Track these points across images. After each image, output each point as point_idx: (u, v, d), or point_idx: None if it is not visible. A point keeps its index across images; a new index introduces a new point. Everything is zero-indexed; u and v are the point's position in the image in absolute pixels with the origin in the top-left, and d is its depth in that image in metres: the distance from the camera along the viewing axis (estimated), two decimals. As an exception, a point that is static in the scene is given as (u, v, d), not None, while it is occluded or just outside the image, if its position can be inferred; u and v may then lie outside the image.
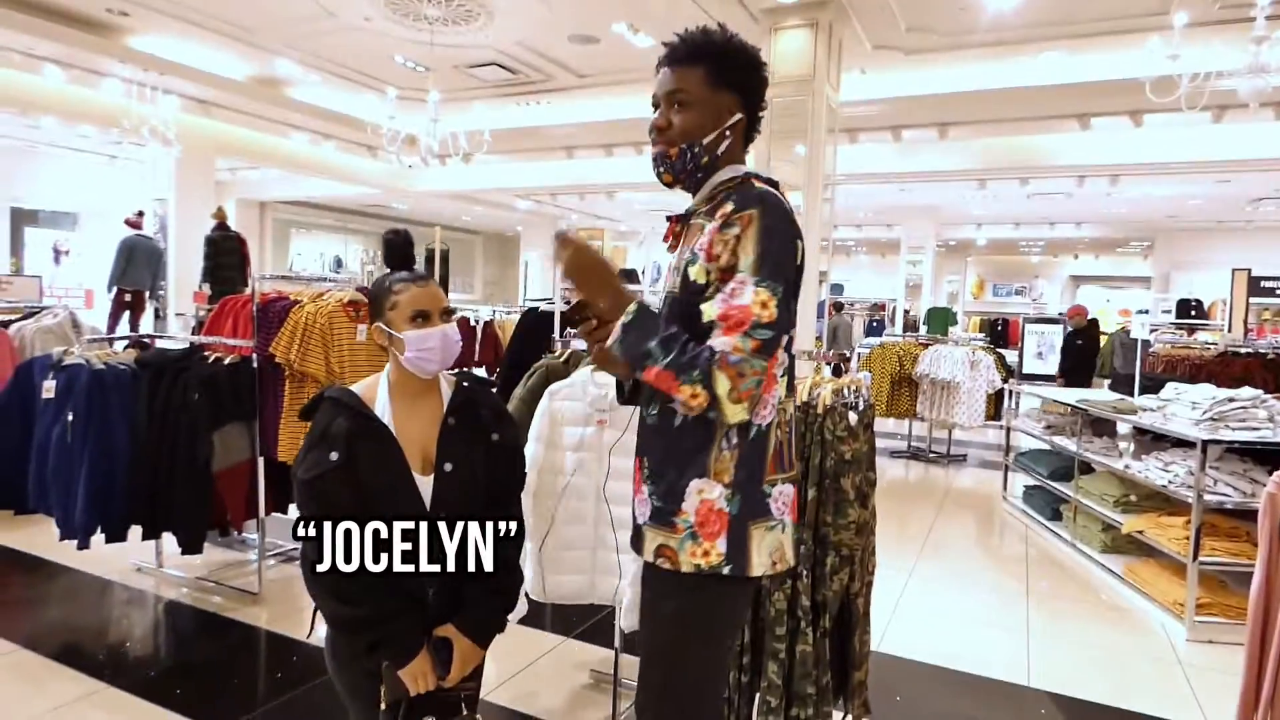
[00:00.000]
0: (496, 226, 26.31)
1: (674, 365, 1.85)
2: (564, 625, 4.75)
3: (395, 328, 2.34)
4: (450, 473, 2.32)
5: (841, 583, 3.03)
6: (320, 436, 2.26)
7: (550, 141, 14.23)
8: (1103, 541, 6.31)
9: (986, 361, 9.71)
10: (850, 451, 3.01)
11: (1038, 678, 4.39)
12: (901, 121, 11.88)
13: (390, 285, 2.36)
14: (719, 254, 1.91)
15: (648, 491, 2.06)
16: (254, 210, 20.85)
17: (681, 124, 2.04)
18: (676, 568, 2.01)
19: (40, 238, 16.76)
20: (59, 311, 6.50)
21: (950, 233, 23.19)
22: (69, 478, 4.57)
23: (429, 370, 2.35)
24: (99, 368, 4.69)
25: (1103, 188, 14.90)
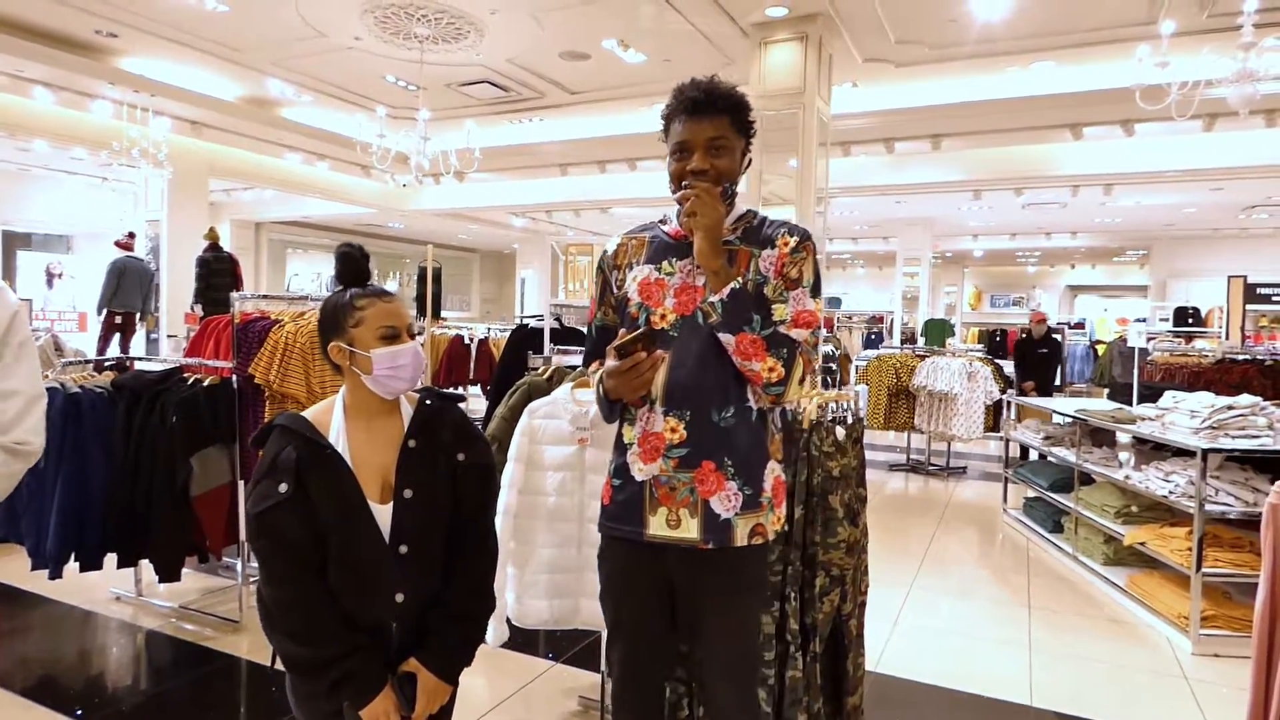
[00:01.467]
0: (493, 244, 26.26)
1: (769, 338, 2.22)
2: (556, 649, 4.63)
3: (361, 345, 2.19)
4: (411, 499, 2.17)
5: (832, 604, 2.92)
6: (269, 467, 2.12)
7: (544, 159, 14.15)
8: (1104, 554, 6.19)
9: (984, 373, 9.61)
10: (838, 467, 2.91)
11: (1040, 696, 4.27)
12: (894, 134, 11.80)
13: (352, 300, 2.22)
14: (789, 271, 2.31)
15: (736, 487, 2.30)
16: (249, 231, 20.76)
17: (722, 167, 2.32)
18: (767, 538, 2.34)
19: (33, 261, 16.68)
20: (41, 335, 6.39)
21: (947, 244, 23.12)
22: (40, 505, 4.45)
23: (397, 390, 2.22)
24: (74, 391, 4.57)
25: (1097, 197, 14.83)
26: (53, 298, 16.46)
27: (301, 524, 2.08)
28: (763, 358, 2.22)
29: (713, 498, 2.27)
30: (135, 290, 11.76)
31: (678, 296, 2.32)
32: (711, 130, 2.31)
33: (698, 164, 2.30)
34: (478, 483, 2.28)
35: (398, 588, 2.16)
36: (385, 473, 2.19)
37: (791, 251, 2.31)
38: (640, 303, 2.36)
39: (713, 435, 2.28)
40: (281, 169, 15.06)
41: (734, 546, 2.28)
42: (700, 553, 2.29)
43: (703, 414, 2.30)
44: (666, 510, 2.29)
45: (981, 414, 9.54)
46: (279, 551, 2.08)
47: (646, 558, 2.36)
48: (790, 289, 2.29)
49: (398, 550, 2.15)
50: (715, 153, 2.31)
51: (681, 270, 2.34)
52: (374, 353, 2.17)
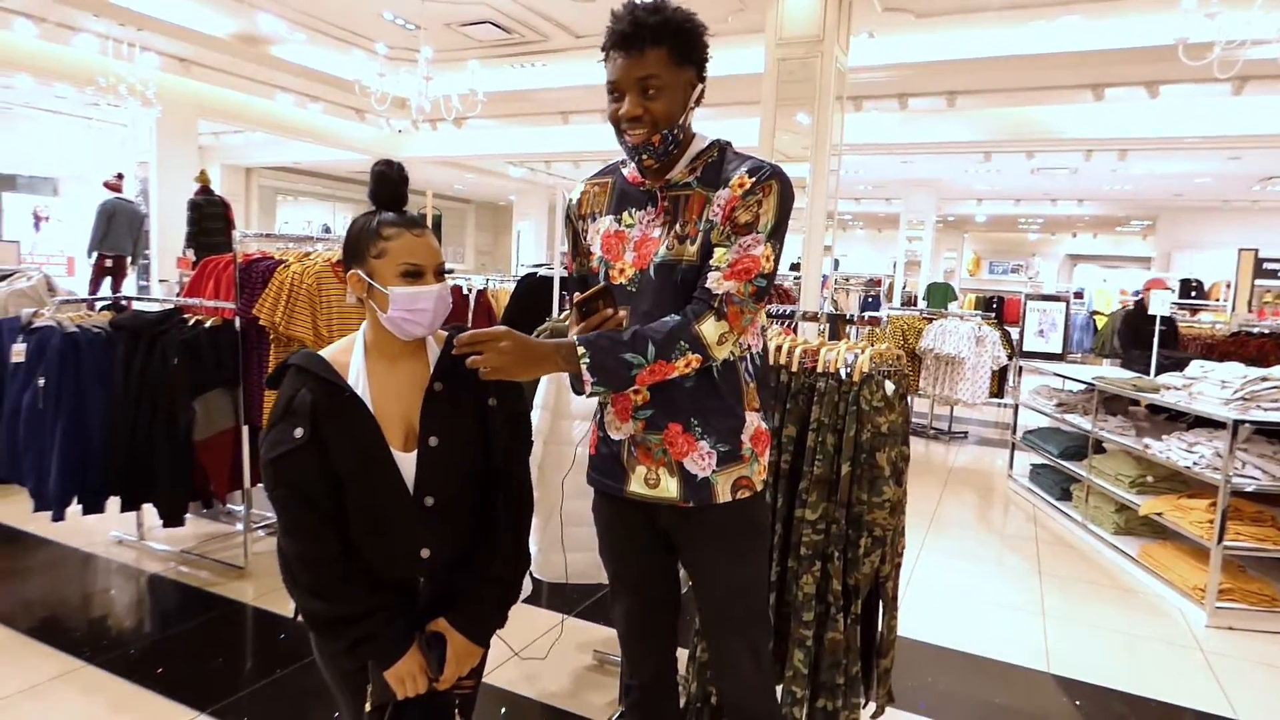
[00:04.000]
0: (489, 195, 26.09)
1: (659, 354, 2.07)
2: (562, 603, 4.61)
3: (380, 279, 2.07)
4: (436, 448, 2.08)
5: (873, 565, 2.90)
6: (284, 410, 2.03)
7: (545, 106, 13.99)
8: (1115, 523, 6.19)
9: (993, 337, 9.58)
10: (887, 424, 2.87)
11: (1057, 662, 4.28)
12: (909, 89, 11.67)
13: (378, 227, 2.07)
14: (738, 215, 2.11)
15: (708, 446, 2.22)
16: (239, 176, 20.58)
17: (658, 110, 2.12)
18: (754, 489, 2.27)
19: (19, 203, 16.53)
20: (33, 274, 6.30)
21: (951, 208, 23.06)
22: (41, 446, 4.41)
23: (413, 335, 2.12)
24: (71, 330, 4.52)
25: (1109, 163, 14.75)
26: (40, 241, 16.32)
27: (320, 472, 2.00)
28: (672, 369, 2.11)
29: (685, 459, 2.23)
30: (125, 233, 11.65)
31: (637, 250, 2.22)
32: (642, 68, 2.09)
33: (629, 109, 2.12)
34: (510, 430, 2.19)
35: (423, 542, 2.09)
36: (409, 418, 2.10)
37: (745, 194, 2.11)
38: (602, 256, 2.28)
39: (676, 396, 2.21)
40: (272, 111, 14.88)
41: (718, 503, 2.24)
42: (685, 510, 2.25)
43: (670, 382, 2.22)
44: (645, 470, 2.26)
45: (988, 379, 9.52)
46: (296, 501, 2.01)
47: (636, 513, 2.33)
48: (739, 234, 2.11)
49: (423, 502, 2.07)
50: (649, 94, 2.11)
51: (641, 221, 2.24)
52: (392, 290, 2.06)
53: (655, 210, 2.23)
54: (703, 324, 2.09)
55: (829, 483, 2.90)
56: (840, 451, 2.89)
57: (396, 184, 2.11)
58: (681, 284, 2.16)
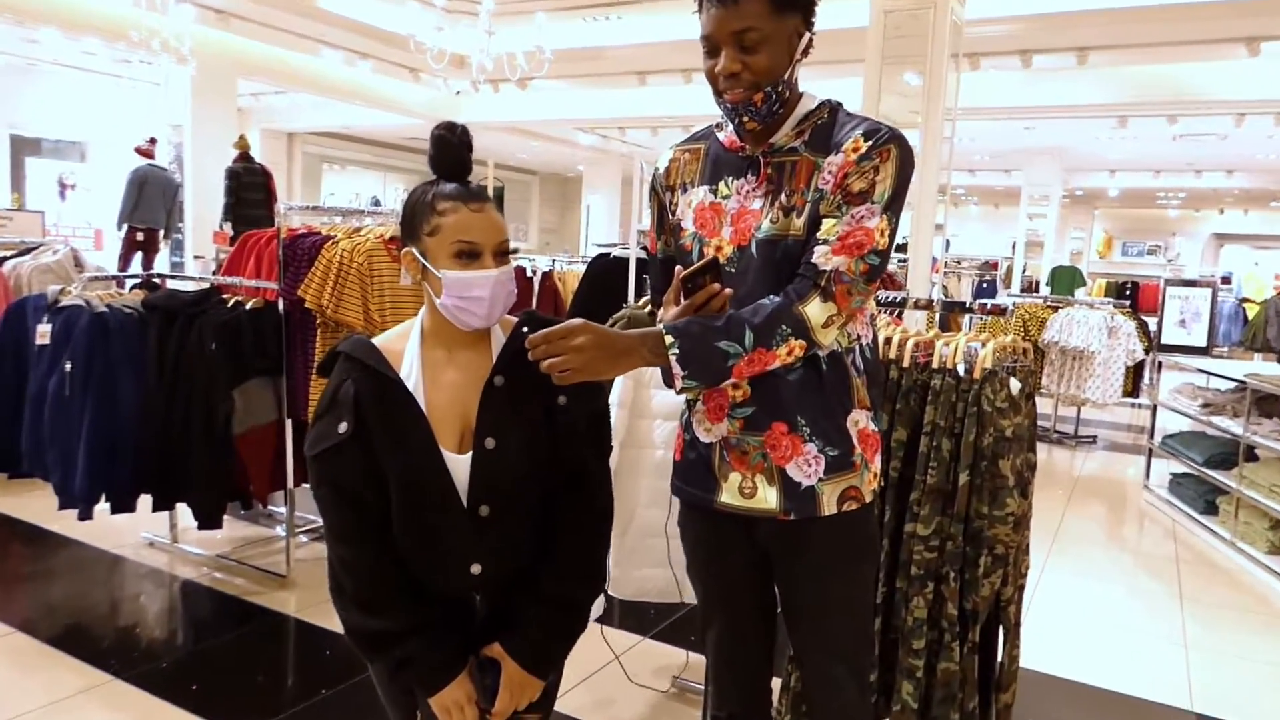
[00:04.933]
0: (556, 165, 26.17)
1: (758, 341, 2.03)
2: (638, 623, 4.61)
3: (433, 260, 2.04)
4: (494, 450, 2.05)
5: (993, 587, 2.85)
6: (329, 402, 2.05)
7: (620, 65, 13.95)
8: (1270, 541, 6.06)
9: (1127, 328, 9.40)
10: (1011, 427, 2.81)
11: (1203, 701, 4.19)
12: (1033, 44, 11.43)
13: (433, 199, 2.04)
14: (851, 183, 2.08)
15: (815, 449, 2.19)
16: (281, 142, 20.87)
17: (759, 65, 2.08)
18: (863, 501, 2.25)
19: (44, 169, 16.90)
20: (59, 248, 6.46)
21: (1079, 180, 22.63)
22: (67, 437, 4.51)
23: (469, 325, 2.08)
24: (100, 310, 4.61)
25: (1265, 128, 14.34)
26: (66, 211, 16.69)
27: (365, 471, 2.01)
28: (774, 358, 2.06)
29: (788, 464, 2.19)
30: (158, 203, 11.89)
31: (735, 224, 2.18)
32: (739, 19, 2.05)
33: (726, 65, 2.08)
34: (584, 433, 2.16)
35: (474, 557, 2.07)
36: (466, 417, 2.08)
37: (860, 158, 2.08)
38: (695, 232, 2.24)
39: (780, 391, 2.17)
40: (318, 70, 15.04)
41: (823, 516, 2.20)
42: (785, 524, 2.22)
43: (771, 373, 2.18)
44: (740, 477, 2.22)
45: (1121, 376, 9.37)
46: (340, 502, 2.03)
47: (729, 527, 2.30)
48: (852, 204, 2.07)
49: (476, 511, 2.05)
50: (748, 48, 2.07)
51: (739, 192, 2.20)
52: (445, 274, 2.03)
53: (756, 179, 2.20)
54: (807, 305, 2.05)
55: (944, 494, 2.86)
56: (958, 458, 2.84)
57: (459, 150, 2.06)
58: (786, 262, 2.12)
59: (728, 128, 2.27)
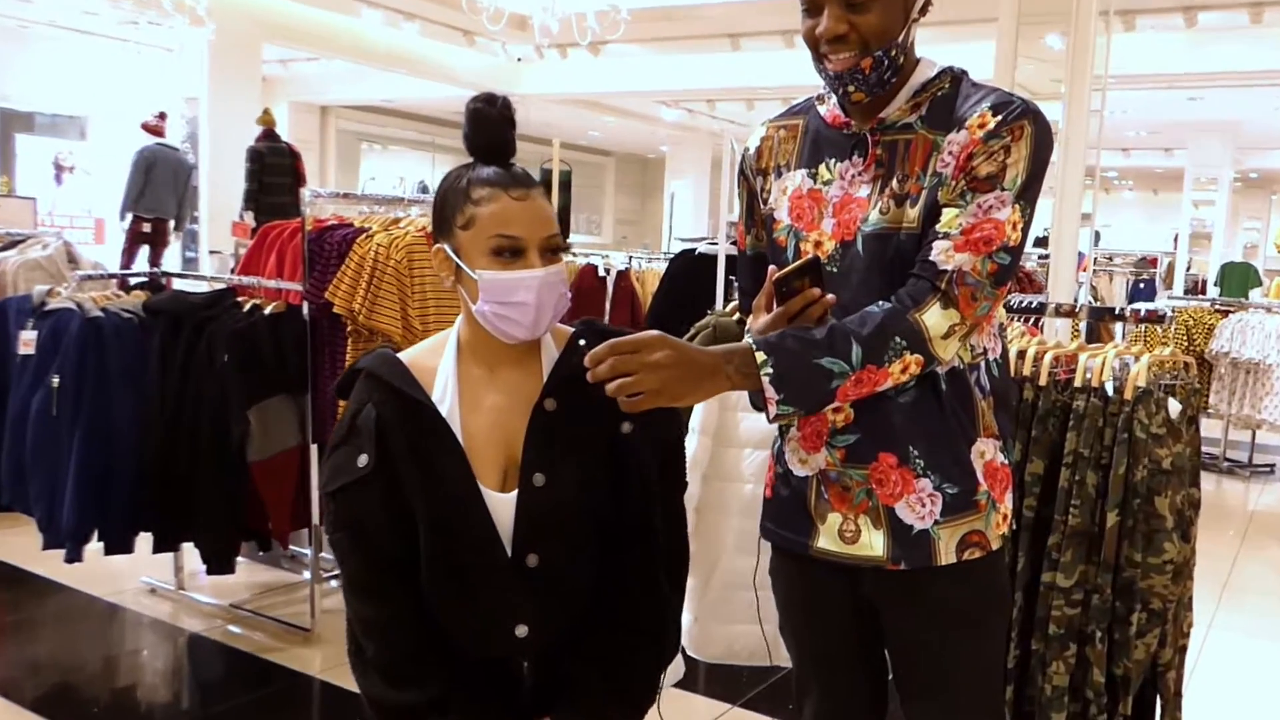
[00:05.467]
0: (634, 146, 26.33)
1: (867, 357, 1.99)
2: (725, 689, 4.57)
3: (467, 258, 2.01)
4: (543, 488, 2.02)
5: (1148, 649, 2.84)
6: (347, 430, 2.04)
7: (709, 26, 14.01)
8: None
9: (1316, 338, 9.30)
10: (1169, 457, 2.80)
11: None
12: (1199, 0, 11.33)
13: (467, 185, 2.01)
14: (977, 166, 2.05)
15: (930, 485, 2.15)
16: (312, 117, 21.19)
17: (868, 26, 2.07)
18: (989, 549, 2.20)
19: (37, 148, 17.24)
20: (50, 241, 6.58)
21: (1254, 160, 22.43)
22: (54, 464, 4.57)
23: (512, 336, 2.03)
24: (95, 314, 4.68)
25: None
26: (62, 197, 17.03)
27: (389, 513, 2.00)
28: (886, 377, 2.03)
29: (898, 503, 2.16)
30: (168, 189, 12.12)
31: (838, 215, 2.17)
32: None
33: (829, 26, 2.07)
34: (657, 466, 2.14)
35: (519, 616, 2.05)
36: (511, 447, 2.05)
37: (987, 137, 2.06)
38: (790, 225, 2.23)
39: (889, 415, 2.15)
40: (357, 33, 15.26)
41: (939, 566, 2.17)
42: (894, 574, 2.19)
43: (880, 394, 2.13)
44: (840, 518, 2.19)
45: (1305, 394, 9.29)
46: (360, 549, 2.02)
47: (827, 578, 2.28)
48: (978, 191, 2.05)
49: (523, 562, 2.03)
50: (855, 6, 2.06)
51: (843, 176, 2.18)
52: (480, 275, 1.99)
53: (864, 161, 2.17)
54: (924, 311, 2.02)
55: (1089, 537, 2.85)
56: (1105, 495, 2.84)
57: (498, 126, 2.04)
58: (898, 261, 2.10)
59: (830, 100, 2.25)
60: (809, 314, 2.03)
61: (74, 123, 17.71)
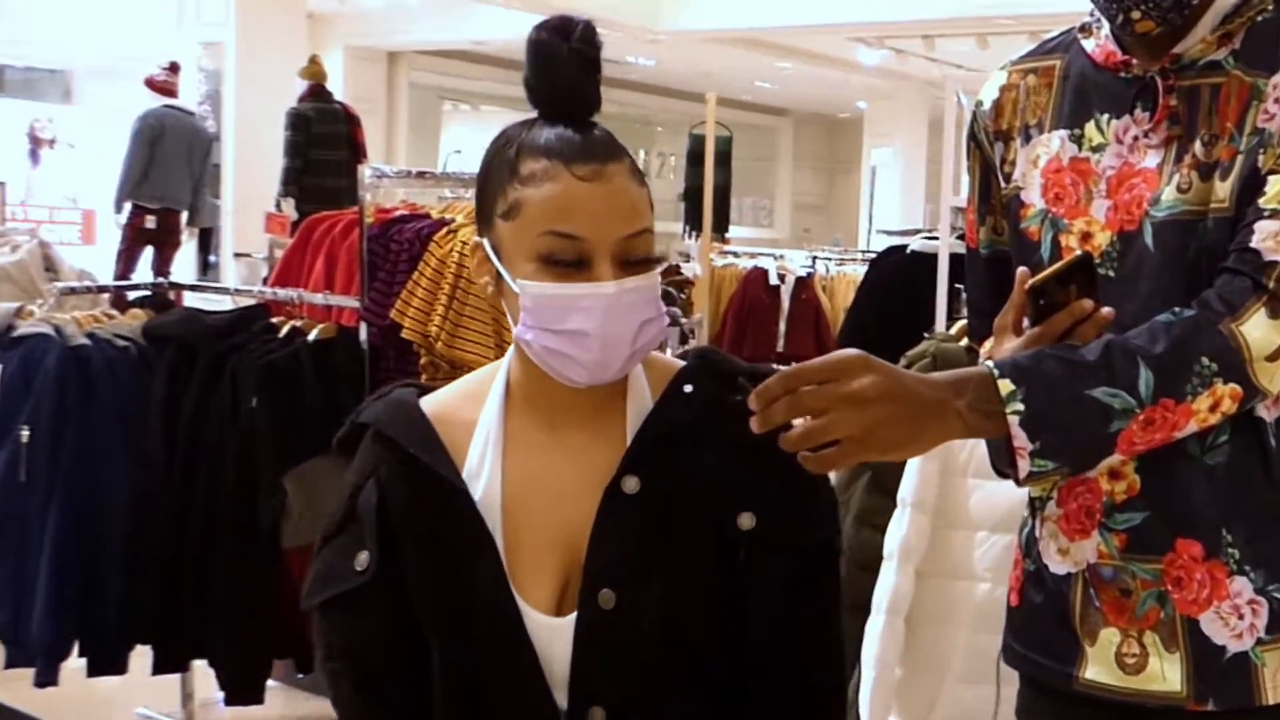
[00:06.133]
0: (820, 101, 26.44)
1: (1162, 386, 1.89)
2: None
3: (509, 260, 1.87)
4: (615, 612, 1.88)
5: None
6: (344, 514, 1.97)
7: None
8: None
9: None
10: None
11: None
12: None
13: (517, 153, 1.87)
14: None
15: (1254, 588, 2.06)
16: (377, 68, 21.50)
17: None
18: None
19: (8, 115, 17.72)
20: (21, 240, 6.70)
21: None
22: (21, 550, 4.62)
23: (571, 380, 1.87)
24: (79, 343, 4.73)
25: None
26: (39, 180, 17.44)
27: (400, 638, 1.93)
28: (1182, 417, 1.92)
29: (1204, 614, 2.07)
30: (180, 168, 12.34)
31: (1114, 195, 2.11)
32: None
33: None
34: (789, 584, 1.98)
35: None
36: (574, 546, 1.92)
37: None
38: (1045, 210, 2.18)
39: (1191, 482, 2.07)
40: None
41: (1264, 707, 2.08)
42: (1197, 717, 2.10)
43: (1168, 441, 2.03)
44: (1118, 635, 2.11)
45: None
46: (358, 684, 1.96)
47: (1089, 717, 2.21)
48: None
49: (583, 717, 1.92)
50: None
51: (1121, 138, 2.13)
52: (523, 287, 1.83)
53: (1151, 116, 2.11)
54: (1244, 321, 1.93)
55: None
56: None
57: (576, 66, 1.88)
58: (1205, 258, 2.04)
59: (1100, 32, 2.20)
60: (1078, 335, 1.95)
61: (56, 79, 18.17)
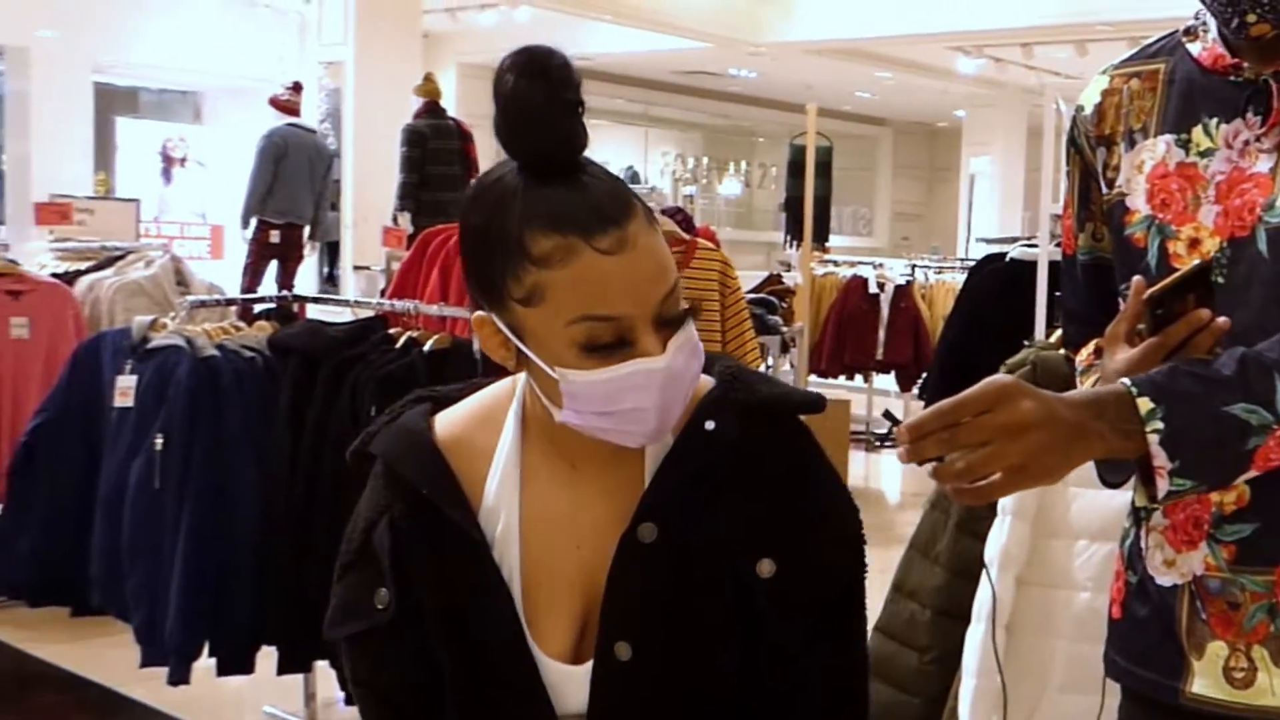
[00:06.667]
0: (919, 110, 26.29)
1: None
2: None
3: (538, 346, 1.70)
4: (630, 663, 1.79)
5: None
6: (359, 548, 1.88)
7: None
8: None
9: None
10: None
11: None
12: None
13: (521, 227, 1.65)
14: None
15: None
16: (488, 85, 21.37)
17: None
18: None
19: (142, 135, 17.84)
20: (154, 255, 6.72)
21: None
22: (155, 554, 4.62)
23: (624, 442, 1.76)
24: (209, 354, 4.73)
25: None
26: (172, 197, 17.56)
27: (421, 668, 1.87)
28: None
29: None
30: (302, 184, 12.39)
31: (1223, 200, 2.02)
32: None
33: None
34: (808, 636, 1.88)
35: None
36: (592, 593, 1.84)
37: None
38: (1151, 216, 2.09)
39: None
40: (548, -29, 15.50)
41: None
42: None
43: None
44: (1226, 649, 2.02)
45: None
46: (382, 711, 1.92)
47: None
48: None
49: None
50: None
51: (1229, 143, 2.04)
52: (567, 377, 1.68)
53: (1263, 120, 2.01)
54: None
55: None
56: None
57: (556, 106, 1.68)
58: None
59: (1209, 34, 2.12)
60: (1195, 346, 1.87)
61: (187, 100, 18.24)
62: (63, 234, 7.96)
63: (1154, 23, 1.76)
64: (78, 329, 6.35)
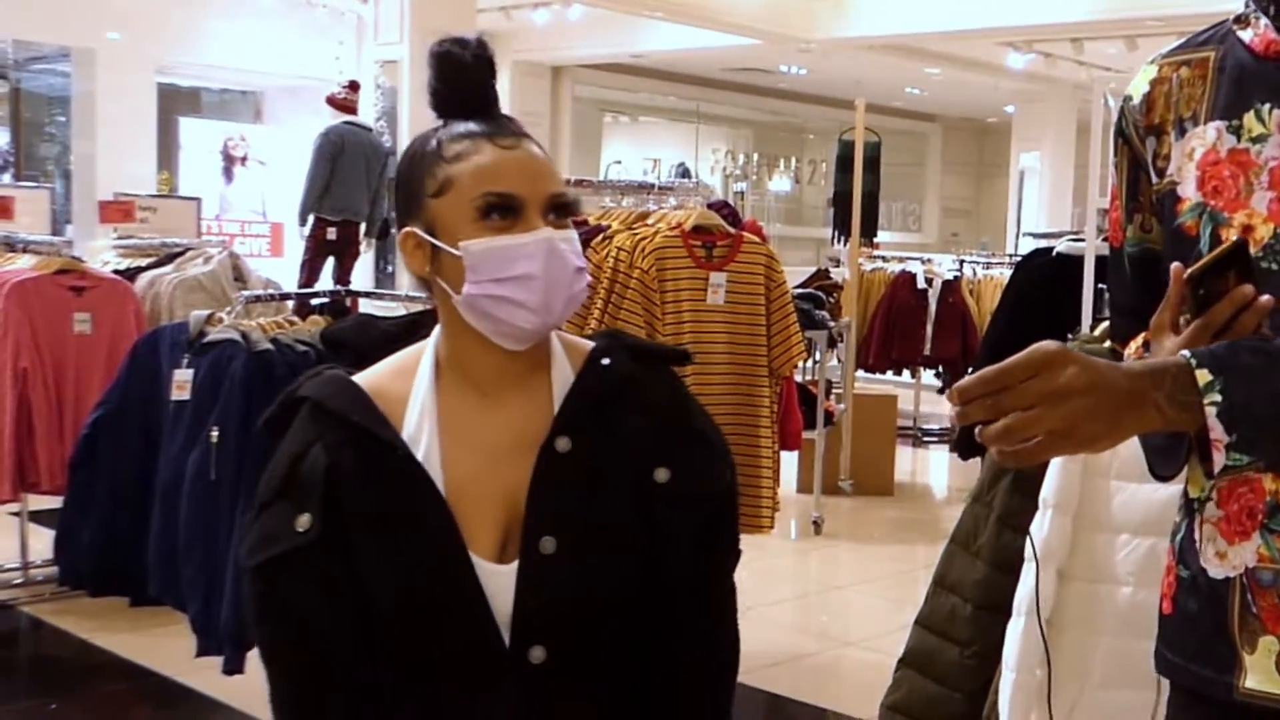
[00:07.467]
0: (968, 106, 26.18)
1: None
2: None
3: (445, 230, 1.94)
4: (554, 556, 1.91)
5: None
6: (283, 480, 1.95)
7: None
8: None
9: None
10: None
11: None
12: None
13: (439, 144, 1.97)
14: None
15: None
16: (541, 82, 21.57)
17: None
18: None
19: (204, 134, 17.97)
20: (213, 252, 6.76)
21: None
22: (211, 544, 4.63)
23: (517, 330, 1.93)
24: (263, 347, 4.75)
25: None
26: (233, 195, 17.70)
27: (338, 597, 1.91)
28: None
29: None
30: (359, 181, 12.46)
31: (1276, 187, 1.99)
32: None
33: None
34: (697, 527, 2.03)
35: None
36: (511, 501, 1.96)
37: None
38: (1202, 203, 2.06)
39: None
40: (601, -29, 15.49)
41: None
42: None
43: None
44: (1277, 643, 1.99)
45: None
46: (295, 649, 1.95)
47: None
48: None
49: (524, 657, 1.92)
50: None
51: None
52: (466, 246, 1.91)
53: None
54: None
55: None
56: None
57: (474, 71, 2.01)
58: None
59: (1260, 21, 2.10)
60: (1241, 325, 1.86)
61: (248, 100, 18.38)
62: (126, 231, 8.03)
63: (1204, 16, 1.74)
64: (138, 324, 6.40)
